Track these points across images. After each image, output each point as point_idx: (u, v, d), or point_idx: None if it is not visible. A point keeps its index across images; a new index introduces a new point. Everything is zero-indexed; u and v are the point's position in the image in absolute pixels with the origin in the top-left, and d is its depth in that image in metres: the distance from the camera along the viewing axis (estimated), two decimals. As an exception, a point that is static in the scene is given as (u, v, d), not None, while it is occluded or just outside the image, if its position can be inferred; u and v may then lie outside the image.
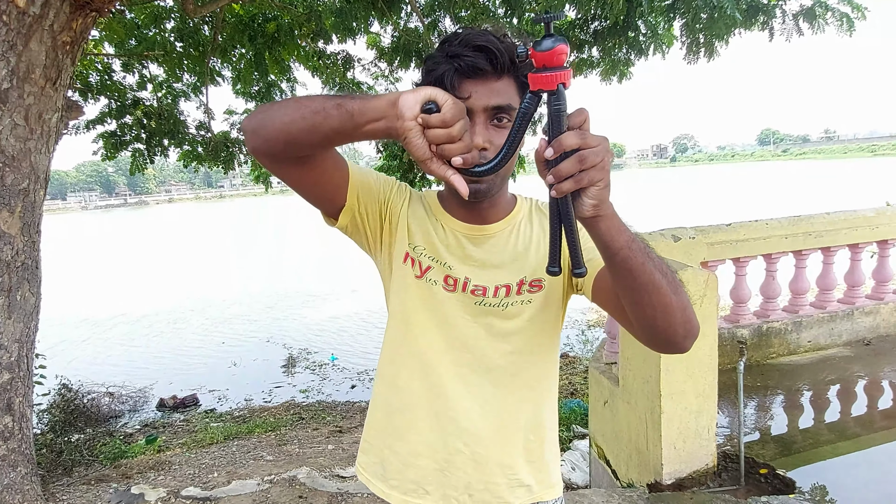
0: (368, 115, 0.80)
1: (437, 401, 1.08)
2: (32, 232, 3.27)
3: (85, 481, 4.17)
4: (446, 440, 1.08)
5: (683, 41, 4.51)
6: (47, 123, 3.23)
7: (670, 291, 0.81)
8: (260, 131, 0.87)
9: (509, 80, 0.95)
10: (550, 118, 0.71)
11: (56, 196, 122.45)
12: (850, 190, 28.98)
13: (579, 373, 6.92)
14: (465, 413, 1.07)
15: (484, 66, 0.92)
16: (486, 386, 1.08)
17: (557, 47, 0.69)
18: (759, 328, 3.78)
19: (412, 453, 1.10)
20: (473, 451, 1.08)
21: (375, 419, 1.17)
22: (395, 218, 1.10)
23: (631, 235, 0.78)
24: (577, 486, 3.59)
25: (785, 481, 2.55)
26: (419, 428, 1.09)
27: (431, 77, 0.95)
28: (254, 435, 5.87)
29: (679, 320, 0.83)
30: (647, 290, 0.80)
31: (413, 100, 0.78)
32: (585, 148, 0.69)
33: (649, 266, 0.79)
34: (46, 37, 3.04)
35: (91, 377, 8.35)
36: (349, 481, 3.96)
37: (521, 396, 1.10)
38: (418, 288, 1.07)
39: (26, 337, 3.29)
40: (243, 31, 5.26)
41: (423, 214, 1.11)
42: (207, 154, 7.21)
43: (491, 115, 0.95)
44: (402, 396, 1.11)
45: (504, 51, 0.92)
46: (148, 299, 15.94)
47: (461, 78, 0.93)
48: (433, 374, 1.08)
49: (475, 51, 0.92)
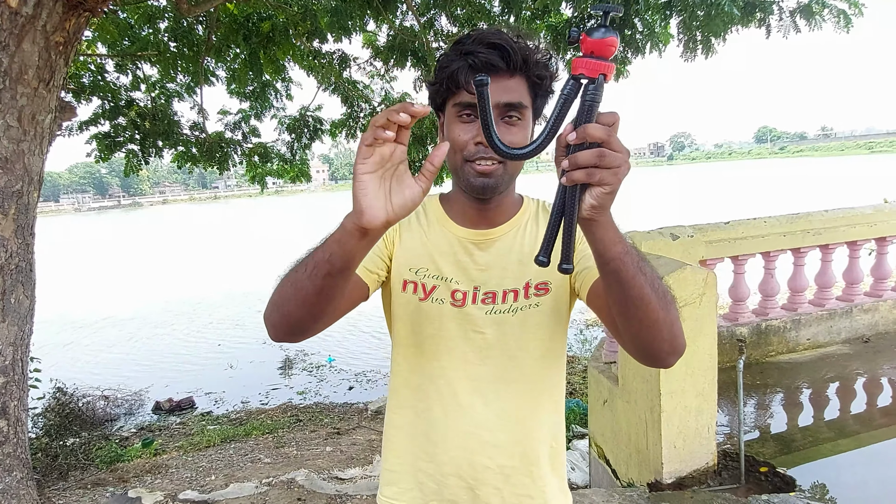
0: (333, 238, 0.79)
1: (458, 418, 1.06)
2: (26, 234, 3.24)
3: (81, 485, 4.14)
4: (472, 458, 1.06)
5: (680, 39, 4.51)
6: (41, 125, 3.20)
7: (659, 307, 0.80)
8: (278, 328, 0.90)
9: (521, 79, 0.95)
10: (583, 106, 0.69)
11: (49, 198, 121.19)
12: (848, 187, 29.08)
13: (578, 372, 6.91)
14: (486, 426, 1.06)
15: (497, 63, 0.92)
16: (503, 396, 1.06)
17: (609, 38, 0.67)
18: (759, 326, 3.78)
19: (443, 474, 1.08)
20: (500, 464, 1.06)
21: (400, 446, 1.13)
22: (392, 255, 1.09)
23: (626, 247, 0.77)
24: (576, 486, 3.58)
25: (785, 479, 2.55)
26: (445, 447, 1.07)
27: (445, 73, 0.95)
28: (251, 437, 5.84)
29: (665, 336, 0.83)
30: (636, 303, 0.79)
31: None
32: (608, 146, 0.67)
33: (640, 280, 0.78)
34: (39, 37, 3.01)
35: (86, 380, 8.27)
36: (348, 483, 3.94)
37: (538, 403, 1.09)
38: (425, 310, 1.06)
39: (21, 340, 3.26)
40: (238, 30, 5.23)
41: (420, 232, 1.08)
42: (202, 155, 7.17)
43: (502, 113, 0.94)
44: (423, 419, 1.09)
45: (518, 49, 0.92)
46: (143, 301, 15.87)
47: (474, 74, 0.91)
48: (450, 392, 1.06)
49: (489, 48, 0.92)
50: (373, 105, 7.60)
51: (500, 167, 0.97)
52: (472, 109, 0.94)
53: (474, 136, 0.95)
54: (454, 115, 0.98)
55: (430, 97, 1.03)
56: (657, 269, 2.50)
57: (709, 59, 4.49)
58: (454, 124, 0.98)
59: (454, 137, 0.97)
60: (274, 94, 7.22)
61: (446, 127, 1.00)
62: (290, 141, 7.61)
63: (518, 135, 0.96)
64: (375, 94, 7.65)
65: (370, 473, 4.15)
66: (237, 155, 7.47)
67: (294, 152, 7.73)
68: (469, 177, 0.98)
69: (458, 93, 0.95)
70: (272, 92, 7.19)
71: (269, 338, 0.93)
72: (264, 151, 7.56)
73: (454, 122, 0.98)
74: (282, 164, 7.89)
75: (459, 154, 0.97)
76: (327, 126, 7.73)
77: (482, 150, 0.95)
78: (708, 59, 4.51)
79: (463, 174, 0.99)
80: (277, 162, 7.83)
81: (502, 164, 0.97)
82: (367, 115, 7.67)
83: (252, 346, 10.87)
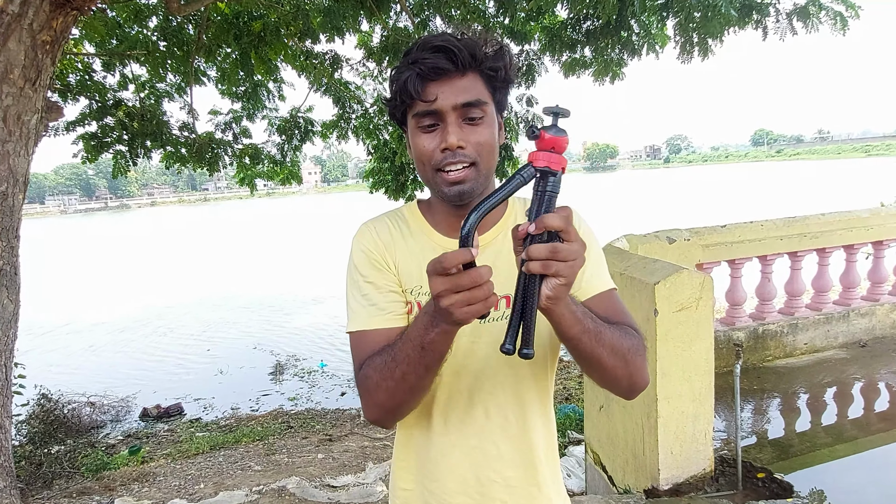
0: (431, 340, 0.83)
1: (462, 435, 1.05)
2: (11, 237, 3.17)
3: (66, 494, 4.06)
4: (478, 473, 1.05)
5: (677, 40, 4.50)
6: (26, 125, 3.13)
7: (618, 366, 0.91)
8: (394, 420, 1.00)
9: (474, 75, 0.94)
10: (542, 197, 0.75)
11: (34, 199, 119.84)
12: (845, 190, 29.36)
13: (574, 377, 6.89)
14: (490, 439, 1.05)
15: (445, 66, 0.91)
16: (503, 407, 1.05)
17: (565, 136, 0.75)
18: (755, 330, 3.77)
19: (448, 492, 1.07)
20: (505, 476, 1.05)
21: (407, 463, 1.12)
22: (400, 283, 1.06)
23: (583, 327, 0.84)
24: (572, 492, 3.54)
25: (783, 485, 2.53)
26: (450, 466, 1.06)
27: (396, 86, 0.94)
28: (241, 444, 5.77)
29: (623, 385, 0.95)
30: (594, 366, 0.91)
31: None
32: (566, 237, 0.73)
33: (598, 351, 0.87)
34: (26, 36, 2.95)
35: (71, 386, 8.17)
36: (340, 491, 3.88)
37: (535, 411, 1.07)
38: None
39: (4, 345, 3.20)
40: (229, 29, 5.17)
41: (406, 249, 1.05)
42: (191, 155, 7.09)
43: (462, 114, 0.93)
44: (427, 438, 1.07)
45: (463, 47, 0.91)
46: (130, 305, 15.73)
47: (424, 82, 0.91)
48: (452, 409, 1.04)
49: (434, 52, 0.91)
50: (364, 106, 7.56)
51: (472, 170, 0.95)
52: (431, 117, 0.93)
53: (439, 144, 0.93)
54: (415, 127, 0.96)
55: (390, 113, 1.02)
56: (654, 273, 2.47)
57: (706, 60, 4.50)
58: (417, 136, 0.96)
59: (420, 149, 0.96)
60: (266, 94, 7.15)
61: (410, 140, 0.99)
62: (281, 142, 7.56)
63: (484, 133, 0.95)
64: (367, 96, 7.61)
65: (363, 481, 4.09)
66: (228, 156, 7.39)
67: (284, 154, 7.66)
68: (442, 186, 0.96)
69: (414, 104, 0.94)
70: (264, 92, 7.12)
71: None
72: (255, 152, 7.49)
73: (417, 134, 0.96)
74: (272, 166, 7.83)
75: (428, 165, 0.96)
76: (318, 128, 7.68)
77: (449, 156, 0.93)
78: (705, 60, 4.51)
79: (436, 185, 0.97)
80: (267, 164, 7.76)
81: (473, 165, 0.95)
82: (359, 116, 7.63)
83: (242, 352, 10.79)
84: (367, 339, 0.98)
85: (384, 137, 7.53)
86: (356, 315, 1.01)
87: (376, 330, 0.98)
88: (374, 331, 0.98)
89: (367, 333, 0.98)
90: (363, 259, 1.04)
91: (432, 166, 0.95)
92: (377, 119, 7.53)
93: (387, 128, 7.52)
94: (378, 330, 0.98)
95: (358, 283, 1.03)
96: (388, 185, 7.80)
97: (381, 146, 7.62)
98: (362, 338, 0.99)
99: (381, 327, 0.98)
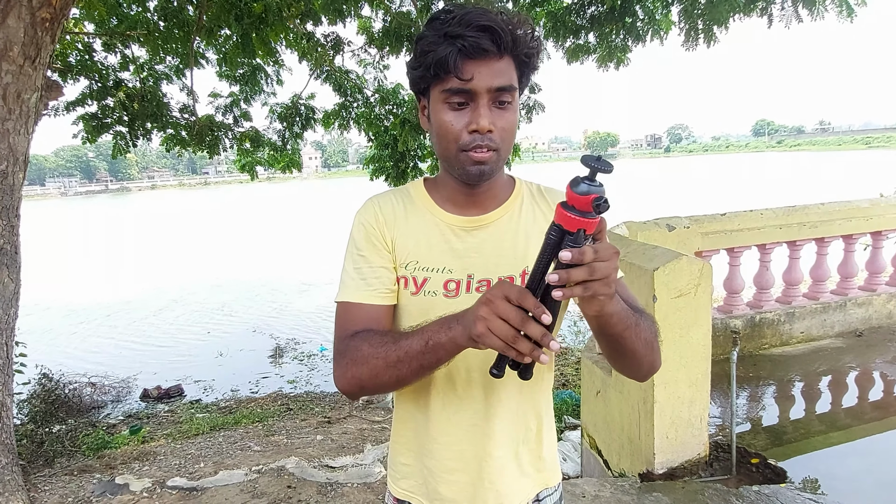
0: (441, 345, 0.86)
1: (458, 411, 1.06)
2: (11, 216, 3.17)
3: (67, 472, 4.10)
4: (476, 451, 1.06)
5: (682, 27, 4.46)
6: (26, 103, 3.12)
7: (645, 354, 0.94)
8: (363, 394, 0.99)
9: (510, 60, 0.93)
10: (552, 251, 0.74)
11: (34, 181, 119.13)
12: (845, 181, 29.24)
13: (571, 363, 6.93)
14: (488, 418, 1.05)
15: (488, 47, 0.89)
16: (502, 388, 1.05)
17: (591, 196, 0.69)
18: (753, 318, 3.78)
19: (445, 469, 1.07)
20: (502, 455, 1.07)
21: (406, 439, 1.13)
22: (394, 260, 1.07)
23: (628, 322, 0.87)
24: (568, 476, 3.57)
25: (776, 471, 2.56)
26: (449, 444, 1.07)
27: (429, 59, 0.91)
28: (241, 426, 5.81)
29: (644, 370, 0.99)
30: (626, 355, 0.93)
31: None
32: (598, 257, 0.73)
33: (636, 344, 0.90)
34: (25, 13, 2.93)
35: (72, 367, 8.22)
36: (338, 471, 3.92)
37: (534, 392, 1.09)
38: (417, 305, 1.03)
39: (5, 324, 3.21)
40: (229, 10, 5.10)
41: (407, 224, 1.05)
42: (191, 138, 7.06)
43: (494, 98, 0.92)
44: (425, 414, 1.08)
45: (507, 30, 0.90)
46: (131, 288, 15.74)
47: (464, 59, 0.89)
48: (448, 386, 1.05)
49: (478, 31, 0.88)
50: (366, 95, 7.51)
51: (495, 154, 0.95)
52: (463, 96, 0.91)
53: (468, 124, 0.92)
54: (442, 102, 0.94)
55: (412, 81, 1.00)
56: (653, 259, 2.47)
57: (711, 48, 4.45)
58: (443, 111, 0.94)
59: (446, 126, 0.94)
60: (264, 78, 7.10)
61: (433, 113, 0.97)
62: (282, 130, 7.52)
63: (511, 119, 0.95)
64: (369, 84, 7.56)
65: (361, 462, 4.13)
66: (228, 139, 7.36)
67: (285, 141, 7.63)
68: (466, 165, 0.95)
69: (447, 78, 0.91)
70: (262, 76, 7.07)
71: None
72: (256, 136, 7.45)
73: (443, 110, 0.94)
74: (272, 153, 7.79)
75: (454, 143, 0.95)
76: (320, 115, 7.63)
77: (478, 138, 0.93)
78: (710, 47, 4.46)
79: (458, 163, 0.96)
80: (268, 150, 7.73)
81: (496, 150, 0.95)
82: (360, 105, 7.58)
83: (242, 335, 10.83)
84: (352, 311, 1.01)
85: (385, 125, 7.50)
86: (346, 286, 1.03)
87: (360, 304, 1.01)
88: (358, 304, 1.01)
89: (352, 305, 1.01)
90: (362, 233, 1.05)
91: (458, 146, 0.94)
92: (378, 109, 7.49)
93: (388, 117, 7.48)
94: (362, 304, 1.01)
95: (353, 256, 1.05)
96: (389, 172, 7.78)
97: (382, 133, 7.58)
98: (348, 308, 1.02)
99: (365, 302, 1.01)
